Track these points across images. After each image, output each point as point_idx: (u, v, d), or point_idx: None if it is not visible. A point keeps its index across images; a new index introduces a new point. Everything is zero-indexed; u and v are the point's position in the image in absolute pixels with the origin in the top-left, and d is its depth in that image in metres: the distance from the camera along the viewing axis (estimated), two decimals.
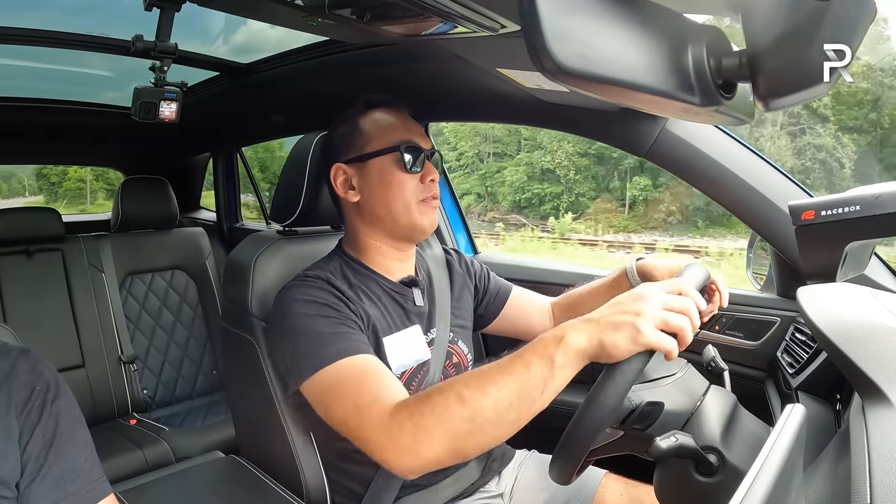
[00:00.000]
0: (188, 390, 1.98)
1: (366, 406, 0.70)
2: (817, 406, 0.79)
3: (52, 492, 0.57)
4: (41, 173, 18.54)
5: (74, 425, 0.61)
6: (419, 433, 0.64)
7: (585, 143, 15.22)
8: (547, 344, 0.61)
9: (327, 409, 0.75)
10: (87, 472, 0.60)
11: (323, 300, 0.81)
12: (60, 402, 0.60)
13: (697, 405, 0.69)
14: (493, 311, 1.08)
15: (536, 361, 0.60)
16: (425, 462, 0.65)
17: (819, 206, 0.83)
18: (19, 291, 1.73)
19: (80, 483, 0.59)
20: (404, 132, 0.90)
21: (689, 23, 0.44)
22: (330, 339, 0.77)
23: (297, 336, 0.79)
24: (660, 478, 0.71)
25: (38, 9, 1.40)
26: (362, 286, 0.89)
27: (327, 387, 0.75)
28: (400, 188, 0.87)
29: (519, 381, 0.61)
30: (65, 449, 0.59)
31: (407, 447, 0.64)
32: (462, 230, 1.71)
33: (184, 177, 2.49)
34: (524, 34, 0.35)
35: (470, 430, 0.62)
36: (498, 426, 0.62)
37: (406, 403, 0.67)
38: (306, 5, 0.76)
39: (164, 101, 0.99)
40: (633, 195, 15.49)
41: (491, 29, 0.76)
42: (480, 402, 0.61)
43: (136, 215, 1.97)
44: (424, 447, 0.63)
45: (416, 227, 0.89)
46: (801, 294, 0.80)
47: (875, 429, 0.49)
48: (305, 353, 0.77)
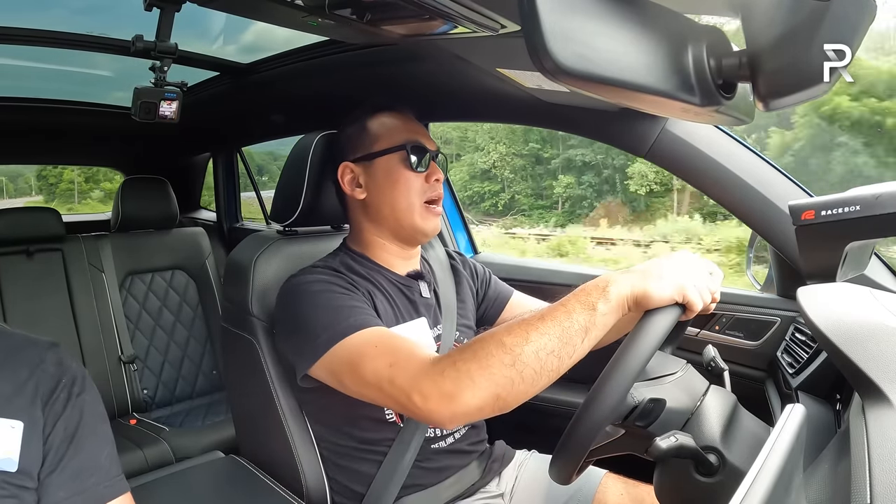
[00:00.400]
0: (188, 390, 1.98)
1: (403, 360, 0.69)
2: (817, 406, 0.79)
3: (69, 484, 0.57)
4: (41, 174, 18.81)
5: (97, 421, 0.61)
6: (462, 379, 0.62)
7: (520, 145, 16.31)
8: (589, 292, 0.64)
9: (357, 371, 0.72)
10: (105, 468, 0.60)
11: (333, 281, 0.82)
12: (86, 397, 0.61)
13: (698, 405, 0.69)
14: (492, 315, 1.08)
15: (578, 309, 0.63)
16: (468, 409, 0.63)
17: (819, 206, 0.83)
18: (19, 291, 1.73)
19: (98, 478, 0.59)
20: (410, 133, 0.92)
21: (689, 23, 0.44)
22: (347, 312, 0.77)
23: (312, 312, 0.78)
24: (660, 478, 0.71)
25: (38, 9, 1.40)
26: (369, 278, 0.90)
27: (353, 353, 0.73)
28: (405, 186, 0.89)
29: (561, 327, 0.62)
30: (85, 443, 0.59)
31: (450, 393, 0.63)
32: (462, 229, 1.71)
33: (184, 177, 2.49)
34: (524, 34, 0.35)
35: (512, 377, 0.61)
36: (540, 373, 0.62)
37: (449, 354, 0.67)
38: (306, 5, 0.76)
39: (164, 101, 0.99)
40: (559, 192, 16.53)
41: (491, 29, 0.76)
42: (523, 347, 0.61)
43: (136, 215, 1.97)
44: (468, 394, 0.62)
45: (417, 229, 0.90)
46: (801, 294, 0.80)
47: (875, 429, 0.49)
48: (323, 327, 0.76)
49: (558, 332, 0.62)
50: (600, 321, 0.62)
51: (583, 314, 0.62)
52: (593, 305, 0.62)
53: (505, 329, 0.64)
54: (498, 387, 0.62)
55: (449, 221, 1.67)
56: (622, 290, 0.63)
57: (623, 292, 0.63)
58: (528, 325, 0.63)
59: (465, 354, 0.64)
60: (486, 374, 0.62)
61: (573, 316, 0.62)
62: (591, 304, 0.62)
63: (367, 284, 0.88)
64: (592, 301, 0.62)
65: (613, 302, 0.62)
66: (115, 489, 0.61)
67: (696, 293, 0.64)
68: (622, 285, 0.63)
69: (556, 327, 0.62)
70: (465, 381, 0.62)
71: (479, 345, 0.64)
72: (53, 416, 0.58)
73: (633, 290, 0.63)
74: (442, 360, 0.66)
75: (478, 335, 0.68)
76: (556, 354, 0.61)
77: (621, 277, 0.64)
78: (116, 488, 0.61)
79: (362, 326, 0.75)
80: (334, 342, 0.74)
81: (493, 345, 0.63)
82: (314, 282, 0.82)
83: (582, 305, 0.63)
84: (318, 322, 0.77)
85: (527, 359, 0.61)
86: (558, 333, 0.62)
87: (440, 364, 0.65)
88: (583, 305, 0.63)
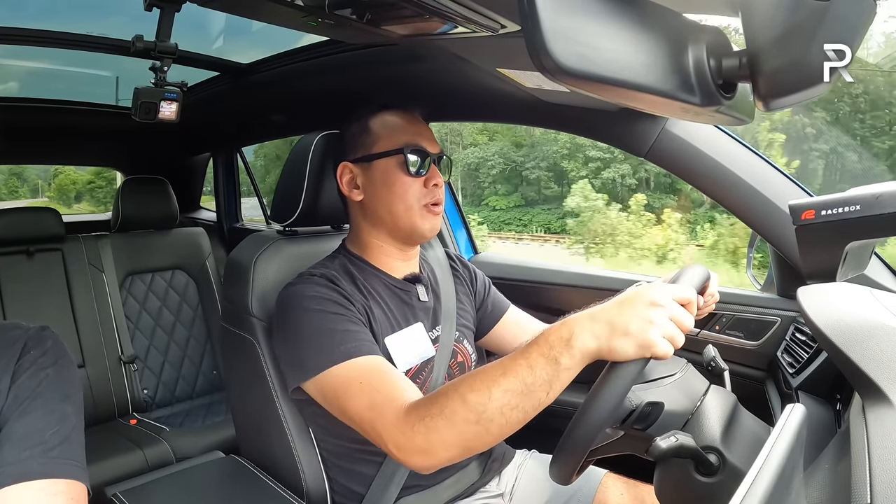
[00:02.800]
0: (188, 390, 1.98)
1: (380, 405, 0.71)
2: (817, 406, 0.79)
3: (6, 451, 0.54)
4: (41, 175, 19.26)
5: (55, 398, 0.58)
6: (431, 435, 0.65)
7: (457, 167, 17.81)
8: (553, 345, 0.61)
9: (341, 405, 0.76)
10: (48, 445, 0.55)
11: (329, 297, 0.81)
12: (50, 371, 0.59)
13: (697, 405, 0.69)
14: (486, 326, 1.08)
15: (541, 363, 0.61)
16: (439, 460, 0.67)
17: (819, 206, 0.83)
18: (19, 291, 1.73)
19: (33, 452, 0.54)
20: (411, 135, 0.90)
21: (689, 23, 0.44)
22: (339, 337, 0.77)
23: (305, 332, 0.79)
24: (660, 478, 0.71)
25: (38, 9, 1.40)
26: (366, 284, 0.89)
27: (339, 384, 0.75)
28: (402, 190, 0.88)
29: (524, 383, 0.61)
30: (31, 415, 0.56)
31: (420, 447, 0.66)
32: (462, 229, 1.71)
33: (184, 177, 2.49)
34: (524, 34, 0.35)
35: (478, 431, 0.63)
36: (505, 426, 0.63)
37: (417, 406, 0.68)
38: (306, 5, 0.76)
39: (164, 101, 0.99)
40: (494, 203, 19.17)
41: (491, 29, 0.76)
42: (486, 405, 0.62)
43: (136, 215, 1.96)
44: (440, 448, 0.66)
45: (416, 230, 0.89)
46: (801, 294, 0.80)
47: (875, 429, 0.49)
48: (315, 350, 0.77)
49: (520, 388, 0.61)
50: (564, 375, 0.60)
51: (545, 369, 0.60)
52: (556, 360, 0.60)
53: (469, 383, 0.65)
54: (467, 441, 0.65)
55: (449, 222, 1.67)
56: (587, 345, 0.60)
57: (588, 348, 0.60)
58: (491, 380, 0.63)
59: (432, 409, 0.66)
60: (454, 432, 0.64)
61: (536, 371, 0.61)
62: (553, 358, 0.60)
63: (363, 294, 0.87)
64: (555, 355, 0.60)
65: (578, 357, 0.60)
66: (50, 468, 0.54)
67: (665, 345, 0.58)
68: (587, 340, 0.60)
69: (518, 383, 0.61)
70: (435, 437, 0.65)
71: (445, 401, 0.65)
72: (14, 386, 0.56)
73: (598, 348, 0.59)
74: (413, 412, 0.68)
75: (444, 387, 0.68)
76: (520, 409, 0.62)
77: (586, 331, 0.60)
78: (52, 468, 0.54)
79: (351, 356, 0.76)
80: (322, 369, 0.76)
81: (457, 402, 0.64)
82: (310, 297, 0.81)
83: (545, 359, 0.61)
84: (310, 345, 0.78)
85: (491, 415, 0.62)
86: (521, 389, 0.61)
87: (411, 417, 0.67)
88: (546, 359, 0.61)
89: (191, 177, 2.56)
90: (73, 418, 0.59)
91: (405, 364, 0.87)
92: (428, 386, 0.89)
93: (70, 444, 0.57)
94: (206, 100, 1.69)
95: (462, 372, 0.97)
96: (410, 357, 0.88)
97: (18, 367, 0.57)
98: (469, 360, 0.99)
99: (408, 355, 0.88)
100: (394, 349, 0.86)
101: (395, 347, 0.87)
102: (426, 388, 0.89)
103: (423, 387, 0.89)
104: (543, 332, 0.63)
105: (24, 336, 0.60)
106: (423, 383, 0.89)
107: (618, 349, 0.58)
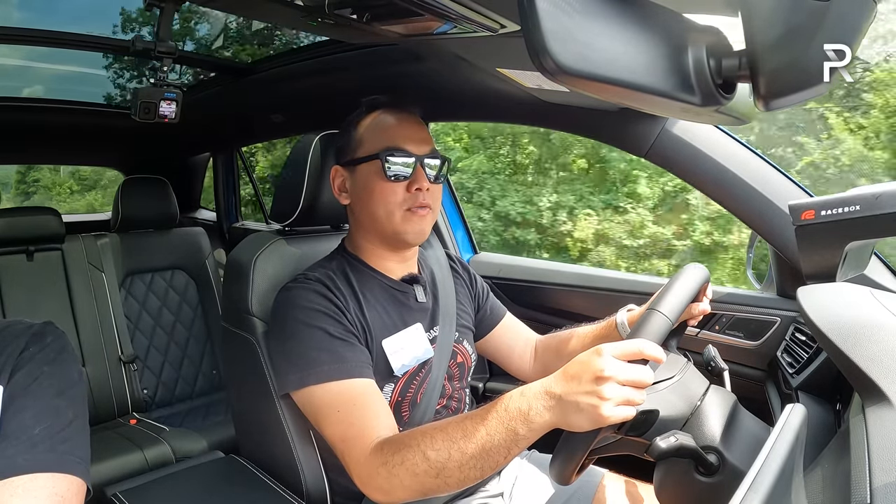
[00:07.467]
0: (188, 390, 1.98)
1: (350, 440, 0.75)
2: (817, 406, 0.79)
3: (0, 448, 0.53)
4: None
5: (49, 394, 0.57)
6: (392, 479, 0.70)
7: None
8: (512, 416, 0.63)
9: (318, 425, 0.80)
10: (32, 441, 0.54)
11: (322, 308, 0.82)
12: (45, 368, 0.58)
13: (697, 405, 0.69)
14: (483, 331, 1.08)
15: (500, 432, 0.64)
16: (398, 500, 0.72)
17: (819, 206, 0.83)
18: (19, 291, 1.72)
19: (19, 449, 0.53)
20: (394, 138, 0.87)
21: (689, 23, 0.44)
22: (325, 357, 0.79)
23: (294, 345, 0.81)
24: (660, 477, 0.71)
25: (38, 9, 1.40)
26: (363, 287, 0.89)
27: (319, 406, 0.79)
28: (381, 196, 0.86)
29: (482, 448, 0.65)
30: (23, 412, 0.55)
31: (381, 488, 0.71)
32: (462, 228, 1.71)
33: (184, 177, 2.49)
34: (524, 34, 0.35)
35: (438, 483, 0.68)
36: (462, 481, 0.67)
37: (383, 449, 0.72)
38: (306, 5, 0.76)
39: (164, 101, 0.99)
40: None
41: (491, 29, 0.76)
42: (445, 463, 0.66)
43: (136, 215, 1.96)
44: (396, 491, 0.71)
45: (398, 235, 0.88)
46: (801, 294, 0.80)
47: (875, 429, 0.49)
48: (302, 365, 0.80)
49: (479, 452, 0.65)
50: (522, 443, 0.63)
51: (504, 437, 0.63)
52: (514, 430, 0.63)
53: (430, 440, 0.68)
54: (425, 489, 0.69)
55: (449, 221, 1.67)
56: (544, 418, 0.62)
57: (544, 420, 0.62)
58: (451, 442, 0.66)
59: (395, 458, 0.69)
60: (414, 481, 0.68)
61: (495, 438, 0.64)
62: (512, 429, 0.63)
63: (358, 299, 0.87)
64: (514, 427, 0.63)
65: (536, 429, 0.63)
66: (32, 464, 0.53)
67: (619, 412, 0.58)
68: (543, 414, 0.62)
69: (476, 447, 0.65)
70: (396, 483, 0.70)
71: (407, 452, 0.69)
72: (11, 382, 0.56)
73: (555, 421, 0.62)
74: (378, 455, 0.71)
75: (406, 438, 0.71)
76: (477, 468, 0.66)
77: (542, 406, 0.62)
78: (35, 464, 0.53)
79: (333, 378, 0.78)
80: (304, 385, 0.80)
81: (419, 457, 0.68)
82: (303, 308, 0.82)
83: (504, 429, 0.64)
84: (297, 359, 0.80)
85: (450, 472, 0.66)
86: (479, 453, 0.65)
87: (376, 460, 0.71)
88: (505, 429, 0.64)
89: (191, 177, 2.56)
90: (69, 413, 0.58)
91: (402, 366, 0.87)
92: (426, 387, 0.89)
93: (63, 439, 0.56)
94: (206, 100, 1.69)
95: (462, 372, 0.97)
96: (407, 359, 0.88)
97: (18, 363, 0.58)
98: (469, 360, 0.99)
99: (405, 357, 0.88)
100: (390, 351, 0.86)
101: (391, 350, 0.86)
102: (424, 389, 0.89)
103: (421, 388, 0.89)
104: (504, 398, 0.66)
105: (27, 333, 0.60)
106: (421, 384, 0.89)
107: (573, 424, 0.60)
